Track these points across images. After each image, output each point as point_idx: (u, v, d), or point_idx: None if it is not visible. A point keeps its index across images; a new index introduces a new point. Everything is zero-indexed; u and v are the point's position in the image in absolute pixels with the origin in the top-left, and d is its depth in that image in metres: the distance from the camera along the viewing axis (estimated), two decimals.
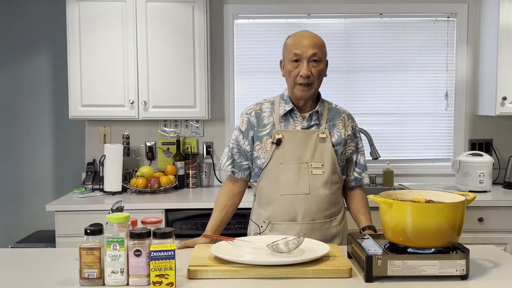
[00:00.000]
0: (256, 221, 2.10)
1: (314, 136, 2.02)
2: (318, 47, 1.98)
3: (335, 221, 2.05)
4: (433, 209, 1.52)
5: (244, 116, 2.11)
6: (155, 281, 1.44)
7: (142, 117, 3.42)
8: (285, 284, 1.49)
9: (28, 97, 3.81)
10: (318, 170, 2.00)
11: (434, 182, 3.72)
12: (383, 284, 1.49)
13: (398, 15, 3.73)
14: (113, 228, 1.50)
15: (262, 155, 2.04)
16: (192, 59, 3.40)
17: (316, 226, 2.00)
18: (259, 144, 2.05)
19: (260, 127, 2.06)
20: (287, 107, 2.05)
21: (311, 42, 1.98)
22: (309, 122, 2.05)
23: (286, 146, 2.00)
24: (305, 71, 1.96)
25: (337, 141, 2.04)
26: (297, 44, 1.98)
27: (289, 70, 2.00)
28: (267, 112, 2.08)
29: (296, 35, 2.03)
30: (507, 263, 1.70)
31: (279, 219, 2.01)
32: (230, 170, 2.12)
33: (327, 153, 2.01)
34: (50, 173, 3.84)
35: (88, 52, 3.37)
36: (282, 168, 2.00)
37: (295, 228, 1.98)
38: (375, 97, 3.77)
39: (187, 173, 3.65)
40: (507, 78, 3.38)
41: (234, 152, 2.11)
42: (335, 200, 2.06)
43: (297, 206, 1.99)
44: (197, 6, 3.38)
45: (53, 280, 1.56)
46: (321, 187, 1.99)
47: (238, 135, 2.11)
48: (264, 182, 2.04)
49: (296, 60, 1.97)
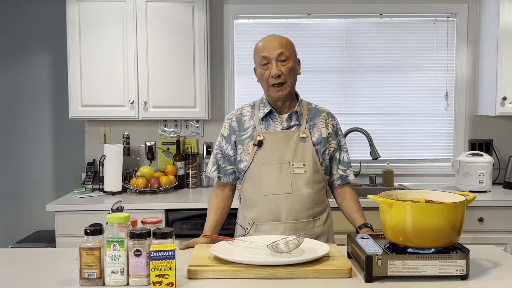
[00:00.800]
0: (241, 223, 2.13)
1: (295, 136, 2.04)
2: (284, 46, 2.02)
3: (319, 221, 2.07)
4: (433, 209, 1.52)
5: (226, 122, 2.15)
6: (155, 281, 1.44)
7: (142, 117, 3.42)
8: (285, 284, 1.49)
9: (28, 97, 3.81)
10: (300, 169, 2.02)
11: (434, 182, 3.73)
12: (383, 284, 1.49)
13: (398, 15, 3.73)
14: (113, 228, 1.51)
15: (244, 158, 2.06)
16: (192, 59, 3.40)
17: (300, 225, 2.02)
18: (241, 147, 2.08)
19: (242, 131, 2.09)
20: (266, 109, 2.09)
21: (277, 43, 2.02)
22: (288, 122, 2.07)
23: (267, 147, 2.03)
24: (275, 70, 1.99)
25: (317, 140, 2.07)
26: (264, 47, 2.02)
27: (260, 73, 2.04)
28: (247, 116, 2.12)
29: (263, 40, 2.07)
30: (507, 263, 1.70)
31: (263, 219, 2.03)
32: (216, 176, 2.17)
33: (308, 152, 2.03)
34: (50, 173, 3.85)
35: (88, 52, 3.37)
36: (264, 169, 2.02)
37: (279, 228, 2.00)
38: (375, 97, 3.77)
39: (187, 173, 3.65)
40: (507, 78, 3.38)
41: (218, 158, 2.15)
42: (319, 200, 2.07)
43: (280, 206, 2.01)
44: (197, 6, 3.38)
45: (53, 280, 1.56)
46: (304, 186, 2.02)
47: (221, 140, 2.15)
48: (247, 184, 2.07)
49: (266, 63, 2.01)
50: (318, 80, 3.72)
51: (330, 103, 3.67)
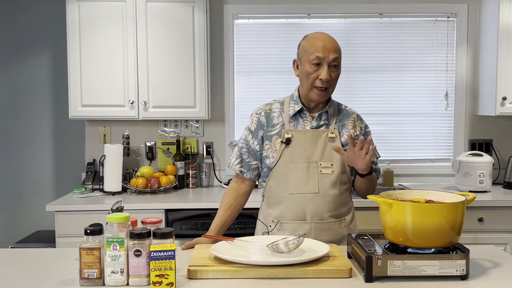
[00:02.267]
0: (264, 220, 2.10)
1: (324, 135, 2.02)
2: (338, 52, 1.99)
3: (344, 222, 2.05)
4: (433, 209, 1.52)
5: (254, 116, 2.11)
6: (155, 281, 1.44)
7: (142, 117, 3.42)
8: (285, 284, 1.49)
9: (28, 97, 3.81)
10: (327, 169, 2.00)
11: (434, 182, 3.73)
12: (383, 284, 1.49)
13: (398, 15, 3.73)
14: (113, 228, 1.51)
15: (271, 154, 2.04)
16: (192, 59, 3.40)
17: (325, 226, 1.99)
18: (268, 143, 2.05)
19: (270, 127, 2.06)
20: (296, 107, 2.05)
21: (333, 47, 1.98)
22: (318, 122, 2.05)
23: (295, 145, 2.01)
24: (326, 75, 1.95)
25: (346, 141, 2.04)
26: (319, 47, 1.96)
27: (308, 72, 1.98)
28: (276, 112, 2.08)
29: (317, 37, 2.01)
30: (507, 263, 1.70)
31: (288, 218, 2.01)
32: (239, 170, 2.11)
33: (336, 153, 1.99)
34: (50, 173, 3.84)
35: (88, 52, 3.37)
36: (291, 167, 2.00)
37: (304, 228, 1.97)
38: (375, 97, 3.77)
39: (187, 173, 3.65)
40: (507, 78, 3.38)
41: (243, 152, 2.11)
42: (344, 201, 2.05)
43: (306, 206, 1.98)
44: (197, 6, 3.38)
45: (53, 280, 1.56)
46: (330, 187, 1.99)
47: (247, 134, 2.11)
48: (273, 181, 2.04)
49: (318, 63, 1.96)
50: None
51: None
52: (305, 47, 2.01)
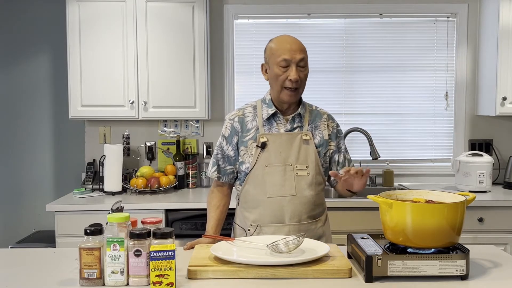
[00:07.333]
0: (241, 224, 2.12)
1: (298, 138, 2.05)
2: (304, 53, 2.01)
3: (320, 222, 2.09)
4: (433, 209, 1.52)
5: (228, 122, 2.13)
6: (155, 281, 1.44)
7: (142, 117, 3.42)
8: (285, 284, 1.49)
9: (28, 97, 3.81)
10: (303, 171, 2.03)
11: (434, 182, 3.73)
12: (383, 284, 1.49)
13: (398, 15, 3.73)
14: (113, 228, 1.51)
15: (247, 159, 2.05)
16: (192, 59, 3.40)
17: (303, 227, 2.02)
18: (244, 149, 2.07)
19: (244, 132, 2.08)
20: (270, 110, 2.07)
21: (299, 47, 2.00)
22: (292, 124, 2.07)
23: (271, 149, 2.03)
24: (295, 75, 1.97)
25: (319, 143, 2.08)
26: (285, 49, 1.99)
27: (276, 74, 2.00)
28: (250, 117, 2.10)
29: (282, 40, 2.04)
30: (507, 263, 1.70)
31: (267, 221, 2.03)
32: (216, 176, 2.16)
33: (311, 154, 2.04)
34: (50, 173, 3.85)
35: (88, 52, 3.37)
36: (268, 171, 2.02)
37: (283, 230, 2.00)
38: (375, 97, 3.77)
39: (187, 173, 3.65)
40: (507, 78, 3.38)
41: (219, 158, 2.14)
42: (319, 201, 2.09)
43: (284, 208, 2.01)
44: (197, 6, 3.38)
45: (53, 280, 1.56)
46: (307, 188, 2.02)
47: (222, 141, 2.13)
48: (249, 185, 2.06)
49: (285, 65, 1.98)
50: (318, 80, 3.72)
51: (330, 103, 3.68)
52: (272, 50, 2.03)
